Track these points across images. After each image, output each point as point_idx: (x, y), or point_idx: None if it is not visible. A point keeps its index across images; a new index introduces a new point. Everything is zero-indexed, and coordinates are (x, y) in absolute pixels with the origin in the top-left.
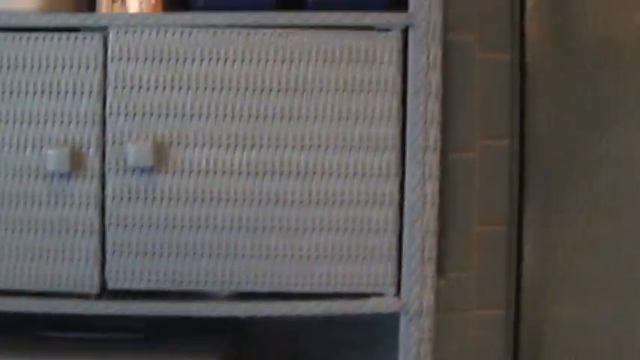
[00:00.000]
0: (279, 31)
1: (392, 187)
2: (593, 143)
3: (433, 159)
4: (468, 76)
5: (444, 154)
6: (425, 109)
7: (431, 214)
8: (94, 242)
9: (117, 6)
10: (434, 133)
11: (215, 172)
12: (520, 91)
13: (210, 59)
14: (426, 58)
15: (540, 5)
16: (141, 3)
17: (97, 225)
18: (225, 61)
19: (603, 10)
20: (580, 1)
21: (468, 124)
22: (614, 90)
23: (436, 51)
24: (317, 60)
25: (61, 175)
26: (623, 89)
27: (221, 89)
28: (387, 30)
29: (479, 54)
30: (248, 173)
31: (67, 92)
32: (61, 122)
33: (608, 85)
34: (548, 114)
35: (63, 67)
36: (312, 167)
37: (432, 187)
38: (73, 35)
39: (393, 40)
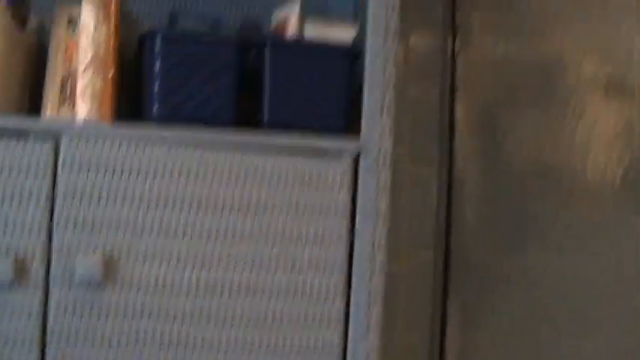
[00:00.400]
0: (233, 151)
1: (338, 308)
2: (513, 258)
3: (379, 281)
4: (397, 189)
5: None
6: (373, 232)
7: (374, 335)
8: (33, 356)
9: (64, 109)
10: (381, 256)
11: (164, 289)
12: (446, 206)
13: (163, 175)
14: (376, 183)
15: (470, 124)
16: (91, 109)
17: (37, 338)
18: (179, 177)
19: (530, 132)
20: (509, 122)
21: (395, 237)
22: (537, 210)
23: (386, 176)
24: (269, 182)
25: (2, 285)
26: (545, 209)
27: (173, 206)
28: (339, 155)
29: (409, 167)
30: (197, 291)
31: (12, 199)
32: (5, 230)
33: (531, 204)
34: (473, 229)
35: (9, 173)
36: (261, 287)
37: (377, 310)
38: (22, 140)
39: (345, 165)
